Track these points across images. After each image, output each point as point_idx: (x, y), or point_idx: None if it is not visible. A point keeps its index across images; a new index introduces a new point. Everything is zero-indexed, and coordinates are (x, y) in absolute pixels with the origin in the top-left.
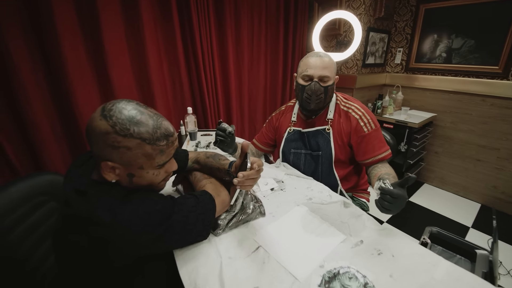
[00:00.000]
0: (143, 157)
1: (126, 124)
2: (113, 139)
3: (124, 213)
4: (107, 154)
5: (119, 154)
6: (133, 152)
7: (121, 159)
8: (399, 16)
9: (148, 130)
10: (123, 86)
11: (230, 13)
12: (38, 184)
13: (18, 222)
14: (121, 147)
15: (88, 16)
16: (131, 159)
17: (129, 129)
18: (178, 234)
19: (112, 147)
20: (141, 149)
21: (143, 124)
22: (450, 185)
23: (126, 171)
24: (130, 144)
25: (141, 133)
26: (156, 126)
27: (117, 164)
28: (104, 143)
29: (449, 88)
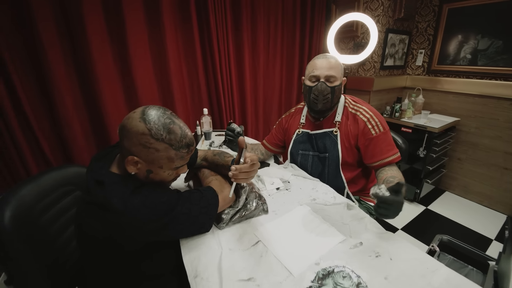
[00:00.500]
0: (166, 159)
1: (160, 130)
2: (146, 140)
3: (134, 202)
4: (137, 151)
5: (147, 153)
6: (159, 154)
7: (147, 157)
8: (421, 16)
9: (176, 138)
10: (145, 88)
11: (247, 17)
12: (67, 175)
13: (49, 206)
14: (151, 148)
15: (115, 23)
16: (155, 159)
17: (162, 134)
18: (182, 225)
19: (143, 146)
20: (166, 153)
21: (174, 132)
22: (473, 194)
23: (147, 167)
24: (159, 147)
25: (170, 139)
26: (183, 136)
27: (142, 160)
28: (138, 141)
29: (474, 92)
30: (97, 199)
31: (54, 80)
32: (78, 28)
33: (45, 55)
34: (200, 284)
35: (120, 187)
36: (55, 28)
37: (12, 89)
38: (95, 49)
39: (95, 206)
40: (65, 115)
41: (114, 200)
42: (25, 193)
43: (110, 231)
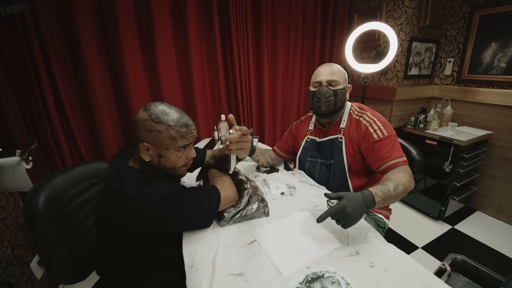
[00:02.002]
0: (169, 139)
1: (158, 114)
2: (149, 124)
3: (143, 192)
4: (144, 136)
5: (152, 136)
6: (162, 135)
7: (153, 140)
8: (450, 24)
9: (174, 119)
10: (171, 95)
11: (267, 29)
12: (94, 168)
13: (76, 195)
14: (154, 131)
15: (147, 37)
16: (160, 140)
17: (160, 117)
18: (184, 217)
19: (148, 130)
20: (167, 133)
21: (170, 115)
22: (509, 215)
23: (156, 151)
24: (160, 128)
25: (168, 120)
26: (179, 117)
27: (150, 145)
28: (143, 127)
29: (510, 103)
30: (113, 186)
31: (92, 87)
32: (115, 42)
33: (86, 66)
34: (194, 274)
35: (133, 178)
36: (95, 42)
37: (57, 93)
38: (128, 60)
39: (111, 192)
40: (100, 117)
41: (127, 188)
42: (57, 182)
43: (121, 214)
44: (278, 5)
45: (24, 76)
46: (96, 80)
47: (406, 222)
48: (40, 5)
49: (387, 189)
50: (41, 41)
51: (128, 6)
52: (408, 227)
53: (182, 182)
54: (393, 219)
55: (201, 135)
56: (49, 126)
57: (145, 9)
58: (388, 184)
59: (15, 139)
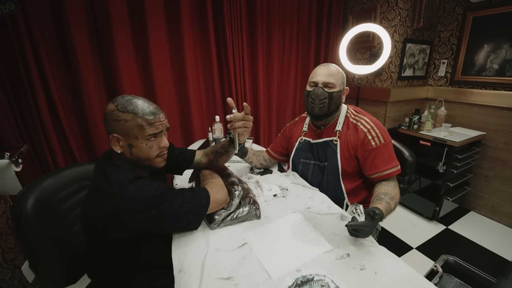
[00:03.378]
0: (136, 128)
1: (124, 104)
2: (116, 115)
3: (129, 191)
4: (113, 128)
5: (119, 126)
6: (129, 124)
7: (122, 129)
8: (443, 25)
9: (140, 108)
10: (165, 96)
11: (262, 30)
12: (84, 171)
13: (66, 198)
14: (121, 120)
15: (140, 38)
16: (128, 129)
17: (126, 107)
18: (171, 218)
19: (116, 120)
20: (134, 121)
21: (137, 104)
22: (502, 215)
23: (126, 141)
24: (126, 117)
25: (134, 109)
26: (146, 106)
27: (119, 135)
28: (111, 118)
29: (503, 104)
30: (99, 185)
31: (85, 89)
32: (108, 43)
33: (79, 67)
34: (183, 278)
35: (119, 176)
36: (88, 43)
37: (49, 95)
38: (121, 59)
39: (97, 192)
40: (93, 119)
41: (113, 187)
42: (47, 184)
43: (108, 214)
44: (273, 6)
45: (16, 77)
46: (89, 82)
47: (400, 222)
48: (32, 5)
49: (390, 209)
50: (33, 42)
51: (121, 6)
52: (403, 228)
53: (174, 185)
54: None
55: (195, 136)
56: (42, 128)
57: (139, 10)
58: (391, 203)
59: (6, 141)
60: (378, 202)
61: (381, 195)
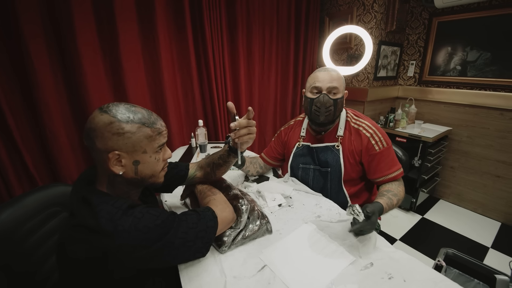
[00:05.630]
0: (145, 140)
1: (125, 113)
2: (117, 127)
3: (124, 225)
4: (113, 144)
5: (124, 140)
6: (136, 136)
7: (127, 145)
8: (411, 29)
9: (144, 116)
10: (138, 99)
11: (242, 28)
12: (52, 195)
13: (33, 231)
14: (126, 133)
15: (108, 35)
16: (135, 143)
17: (129, 116)
18: (177, 250)
19: (118, 134)
20: (142, 132)
21: (139, 112)
22: (467, 202)
23: (131, 158)
24: (132, 128)
25: (139, 118)
26: (149, 113)
27: (123, 152)
28: (109, 132)
29: (465, 102)
30: (83, 220)
31: (40, 91)
32: (68, 36)
33: (32, 66)
34: None
35: (109, 207)
36: (43, 38)
37: None
38: (86, 58)
39: (81, 229)
40: (52, 127)
41: (103, 221)
42: (5, 217)
43: (97, 257)
44: (253, 5)
45: None
46: (45, 84)
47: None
48: None
49: (392, 204)
50: None
51: None
52: (385, 221)
53: (164, 202)
54: None
55: (175, 143)
56: None
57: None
58: (393, 198)
59: None
60: (380, 198)
61: (384, 192)
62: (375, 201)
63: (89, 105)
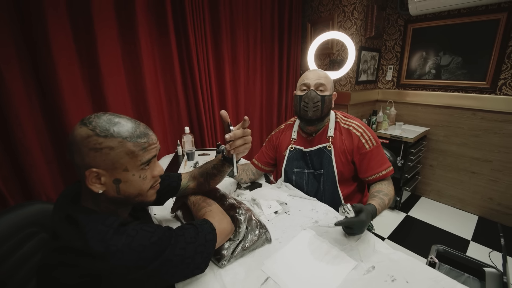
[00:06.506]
0: (126, 156)
1: (105, 126)
2: (94, 141)
3: (117, 244)
4: (91, 160)
5: (102, 156)
6: (115, 152)
7: (105, 161)
8: (388, 35)
9: (128, 129)
10: (118, 106)
11: (226, 33)
12: (27, 214)
13: (7, 256)
14: (104, 148)
15: (85, 40)
16: (114, 159)
17: (109, 129)
18: (175, 268)
19: (95, 149)
20: (123, 148)
21: (122, 124)
22: (446, 198)
23: (111, 176)
24: (111, 143)
25: (121, 132)
26: (135, 126)
27: (101, 169)
28: (86, 147)
29: (440, 103)
30: (70, 242)
31: (9, 101)
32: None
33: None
34: None
35: (99, 226)
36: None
37: None
38: (61, 66)
39: (65, 252)
40: (23, 140)
41: (92, 242)
42: None
43: (87, 282)
44: (237, 9)
45: None
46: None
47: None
48: None
49: (384, 204)
50: None
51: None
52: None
53: (153, 215)
54: None
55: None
56: None
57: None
58: (384, 198)
59: None
60: (372, 199)
61: (375, 193)
62: (367, 203)
63: (65, 114)
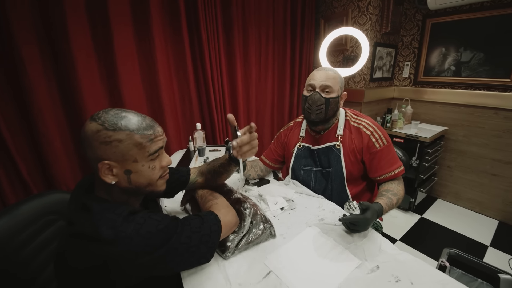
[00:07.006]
0: (135, 148)
1: (113, 120)
2: (104, 135)
3: (126, 231)
4: (102, 153)
5: (112, 149)
6: (124, 144)
7: (115, 154)
8: (406, 30)
9: (135, 122)
10: (133, 103)
11: (238, 30)
12: (47, 203)
13: (28, 241)
14: (113, 141)
15: (102, 38)
16: (123, 151)
17: (117, 123)
18: (181, 256)
19: (105, 143)
20: (131, 140)
21: (128, 118)
22: (464, 200)
23: (122, 168)
24: (120, 136)
25: (128, 125)
26: (141, 119)
27: (112, 161)
28: (97, 141)
29: (460, 101)
30: (83, 228)
31: (33, 97)
32: (62, 40)
33: (23, 68)
34: None
35: (110, 214)
36: (35, 39)
37: None
38: (80, 62)
39: (81, 237)
40: (46, 133)
41: (103, 229)
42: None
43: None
44: (249, 7)
45: None
46: (38, 88)
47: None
48: None
49: (392, 204)
50: None
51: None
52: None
53: (163, 207)
54: None
55: (172, 146)
56: None
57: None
58: (393, 198)
59: None
60: (379, 198)
61: (383, 192)
62: (374, 202)
63: (84, 110)
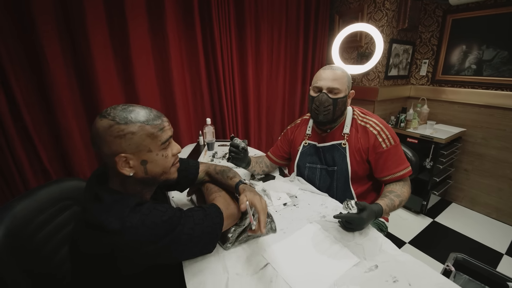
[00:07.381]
0: (148, 138)
1: (123, 114)
2: (117, 129)
3: (132, 221)
4: (118, 147)
5: (126, 141)
6: (137, 135)
7: (130, 146)
8: (424, 27)
9: (143, 114)
10: (147, 98)
11: (251, 27)
12: (64, 189)
13: (46, 222)
14: (127, 134)
15: (118, 32)
16: (138, 142)
17: (127, 117)
18: (184, 246)
19: (119, 137)
20: (143, 131)
21: (137, 111)
22: (481, 206)
23: (138, 159)
24: (132, 128)
25: (138, 117)
26: (148, 111)
27: (128, 154)
28: (111, 136)
29: (480, 102)
30: (92, 218)
31: (55, 89)
32: (81, 36)
33: (46, 63)
34: None
35: (119, 206)
36: (57, 35)
37: (12, 97)
38: (98, 57)
39: (90, 226)
40: (65, 125)
41: (111, 219)
42: (20, 209)
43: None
44: (262, 4)
45: None
46: (59, 82)
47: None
48: None
49: (393, 205)
50: None
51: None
52: (393, 222)
53: (171, 198)
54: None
55: (183, 140)
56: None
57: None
58: (395, 199)
59: None
60: (381, 199)
61: (386, 193)
62: (375, 203)
63: (100, 103)
